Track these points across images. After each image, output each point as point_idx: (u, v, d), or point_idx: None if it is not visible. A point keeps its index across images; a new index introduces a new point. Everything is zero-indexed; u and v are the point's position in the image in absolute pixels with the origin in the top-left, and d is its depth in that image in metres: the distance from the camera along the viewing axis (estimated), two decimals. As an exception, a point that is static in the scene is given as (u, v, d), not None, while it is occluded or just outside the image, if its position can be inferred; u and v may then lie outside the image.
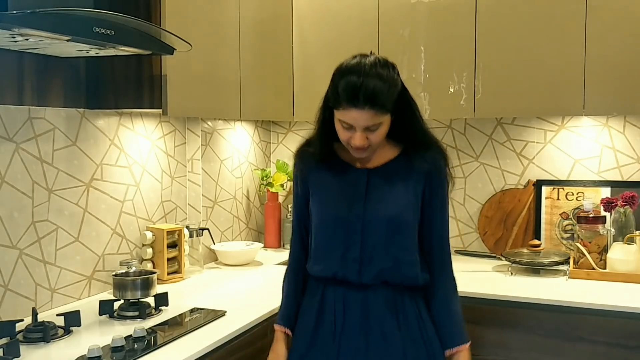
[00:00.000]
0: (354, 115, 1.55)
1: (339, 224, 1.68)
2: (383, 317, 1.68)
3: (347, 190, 1.70)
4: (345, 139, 1.62)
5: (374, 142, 1.61)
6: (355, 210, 1.67)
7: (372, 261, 1.67)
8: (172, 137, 2.64)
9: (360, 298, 1.69)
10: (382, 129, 1.60)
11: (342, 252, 1.69)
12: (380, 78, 1.55)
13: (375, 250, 1.66)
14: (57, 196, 2.08)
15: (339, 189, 1.71)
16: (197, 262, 2.67)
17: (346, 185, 1.71)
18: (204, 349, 1.73)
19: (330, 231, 1.71)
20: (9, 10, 1.43)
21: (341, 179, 1.72)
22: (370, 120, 1.56)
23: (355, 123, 1.56)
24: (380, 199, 1.68)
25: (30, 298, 1.98)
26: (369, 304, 1.68)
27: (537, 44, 2.51)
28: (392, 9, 2.74)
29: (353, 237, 1.67)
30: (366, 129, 1.58)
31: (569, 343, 2.18)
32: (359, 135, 1.58)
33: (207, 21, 2.29)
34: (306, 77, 2.92)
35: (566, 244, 2.77)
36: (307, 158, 1.78)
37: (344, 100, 1.55)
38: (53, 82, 2.06)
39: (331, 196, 1.72)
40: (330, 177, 1.73)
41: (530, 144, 2.89)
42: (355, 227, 1.67)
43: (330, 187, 1.73)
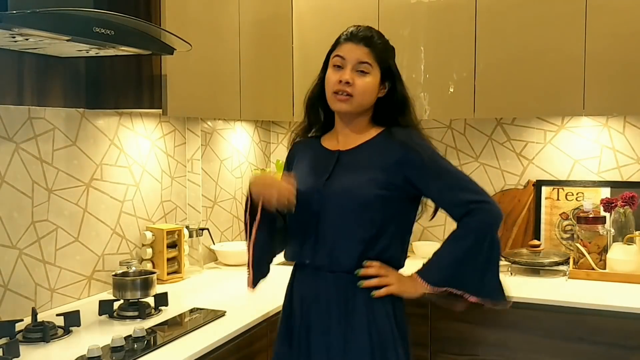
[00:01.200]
0: (349, 47, 1.67)
1: (301, 200, 1.65)
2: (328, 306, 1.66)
3: (316, 170, 1.72)
4: (333, 81, 1.68)
5: (357, 90, 1.65)
6: (317, 185, 1.68)
7: (325, 238, 1.66)
8: (172, 137, 2.64)
9: (314, 286, 1.69)
10: (369, 79, 1.67)
11: (302, 230, 1.70)
12: (378, 33, 1.74)
13: (331, 226, 1.65)
14: (57, 196, 2.08)
15: (309, 169, 1.75)
16: (197, 262, 2.67)
17: (316, 165, 1.74)
18: (203, 349, 1.72)
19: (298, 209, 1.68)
20: (9, 10, 1.43)
21: (314, 160, 1.76)
22: (363, 56, 1.66)
23: (348, 55, 1.67)
24: (342, 175, 1.68)
25: (30, 298, 1.98)
26: (319, 291, 1.68)
27: (537, 43, 2.51)
28: (392, 9, 2.74)
29: (312, 212, 1.67)
30: (356, 69, 1.66)
31: (569, 343, 2.18)
32: (348, 69, 1.66)
33: (207, 21, 2.29)
34: (306, 77, 2.87)
35: (566, 244, 2.77)
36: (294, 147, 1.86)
37: (343, 38, 1.71)
38: (53, 82, 2.05)
39: (300, 175, 1.73)
40: (307, 158, 1.79)
41: (530, 144, 2.89)
42: (316, 202, 1.66)
43: (302, 168, 1.77)
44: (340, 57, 1.68)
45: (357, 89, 1.65)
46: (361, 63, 1.66)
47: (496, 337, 2.28)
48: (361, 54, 1.66)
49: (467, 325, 2.32)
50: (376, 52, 1.68)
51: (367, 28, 1.72)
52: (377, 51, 1.68)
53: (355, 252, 1.65)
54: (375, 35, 1.71)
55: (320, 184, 1.67)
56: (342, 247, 1.65)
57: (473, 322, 2.31)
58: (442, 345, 2.35)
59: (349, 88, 1.65)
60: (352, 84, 1.65)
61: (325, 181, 1.67)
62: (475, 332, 2.31)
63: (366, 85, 1.66)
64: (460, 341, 2.32)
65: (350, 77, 1.65)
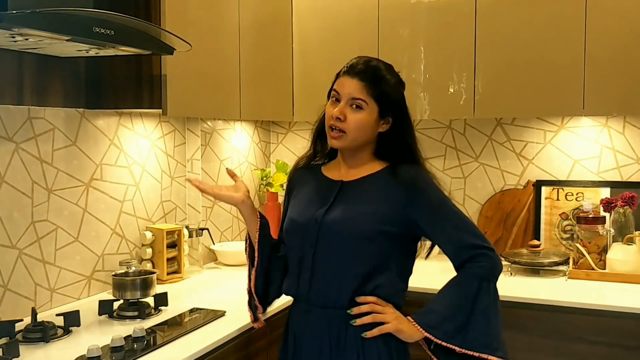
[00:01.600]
0: (343, 82, 1.60)
1: (299, 229, 1.64)
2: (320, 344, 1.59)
3: (316, 200, 1.66)
4: (328, 115, 1.62)
5: (349, 126, 1.58)
6: (315, 216, 1.62)
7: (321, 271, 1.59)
8: (172, 137, 2.64)
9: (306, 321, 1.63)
10: (362, 115, 1.58)
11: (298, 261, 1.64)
12: (385, 65, 1.64)
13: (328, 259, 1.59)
14: (57, 196, 2.08)
15: (309, 198, 1.69)
16: (196, 262, 2.67)
17: (317, 194, 1.67)
18: (203, 349, 1.72)
19: (290, 238, 1.68)
20: (9, 10, 1.43)
21: (316, 189, 1.70)
22: (356, 91, 1.58)
23: (342, 90, 1.59)
24: (341, 207, 1.60)
25: (29, 298, 1.98)
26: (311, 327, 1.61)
27: (537, 44, 2.51)
28: (392, 9, 2.73)
29: (309, 244, 1.61)
30: (350, 104, 1.58)
31: (569, 343, 2.18)
32: (342, 104, 1.59)
33: (207, 21, 2.29)
34: (306, 77, 2.92)
35: (566, 245, 2.77)
36: (295, 170, 1.80)
37: (342, 71, 1.63)
38: (53, 82, 2.05)
39: (300, 204, 1.69)
40: (308, 188, 1.72)
41: (530, 144, 2.89)
42: (313, 233, 1.60)
43: (302, 197, 1.71)
44: (335, 92, 1.62)
45: (350, 125, 1.58)
46: (354, 99, 1.58)
47: (496, 337, 2.28)
48: (354, 90, 1.58)
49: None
50: (372, 87, 1.58)
51: (367, 61, 1.62)
52: (374, 86, 1.58)
53: (349, 288, 1.57)
54: (374, 69, 1.61)
55: (319, 215, 1.61)
56: (336, 281, 1.58)
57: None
58: (442, 346, 2.34)
59: (341, 124, 1.58)
60: (343, 120, 1.58)
61: (325, 211, 1.61)
62: (475, 332, 2.31)
63: (359, 122, 1.58)
64: (460, 341, 2.32)
65: (341, 113, 1.58)
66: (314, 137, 1.76)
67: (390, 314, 1.55)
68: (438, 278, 1.71)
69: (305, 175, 1.76)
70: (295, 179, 1.78)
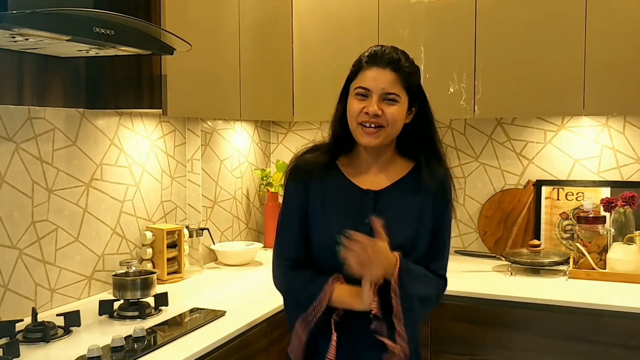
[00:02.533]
0: (373, 75, 1.51)
1: (334, 249, 1.49)
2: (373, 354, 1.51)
3: (351, 214, 1.56)
4: (357, 111, 1.52)
5: (388, 119, 1.51)
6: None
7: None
8: (172, 137, 2.64)
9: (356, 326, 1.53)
10: (398, 107, 1.52)
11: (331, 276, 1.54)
12: (404, 54, 1.57)
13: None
14: (57, 196, 2.08)
15: (343, 211, 1.58)
16: (197, 262, 2.67)
17: (351, 208, 1.57)
18: (203, 349, 1.72)
19: (329, 258, 1.53)
20: (9, 10, 1.43)
21: (345, 200, 1.59)
22: (390, 84, 1.50)
23: (374, 84, 1.50)
24: (388, 226, 1.48)
25: (30, 298, 1.98)
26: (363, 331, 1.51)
27: (537, 44, 2.51)
28: (392, 9, 2.73)
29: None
30: (383, 98, 1.51)
31: (569, 343, 2.18)
32: (375, 100, 1.50)
33: (207, 21, 2.29)
34: (306, 77, 2.92)
35: (566, 244, 2.77)
36: (308, 168, 1.63)
37: (365, 61, 1.53)
38: (53, 82, 2.05)
39: (333, 219, 1.57)
40: (334, 194, 1.60)
41: (530, 144, 2.89)
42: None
43: (331, 207, 1.59)
44: (363, 89, 1.52)
45: (388, 118, 1.51)
46: (389, 93, 1.51)
47: (496, 337, 2.28)
48: (387, 83, 1.50)
49: (467, 325, 2.32)
50: (403, 78, 1.52)
51: (392, 49, 1.55)
52: (405, 76, 1.52)
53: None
54: (401, 57, 1.54)
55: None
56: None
57: (473, 322, 2.31)
58: (442, 345, 2.34)
59: (379, 119, 1.51)
60: (380, 115, 1.50)
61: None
62: (475, 332, 2.31)
63: (396, 115, 1.52)
64: (460, 341, 2.32)
65: (377, 109, 1.50)
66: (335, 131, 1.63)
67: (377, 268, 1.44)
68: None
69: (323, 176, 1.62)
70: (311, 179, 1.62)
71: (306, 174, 1.63)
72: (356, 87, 1.54)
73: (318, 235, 1.59)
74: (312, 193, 1.61)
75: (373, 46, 1.59)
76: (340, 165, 1.64)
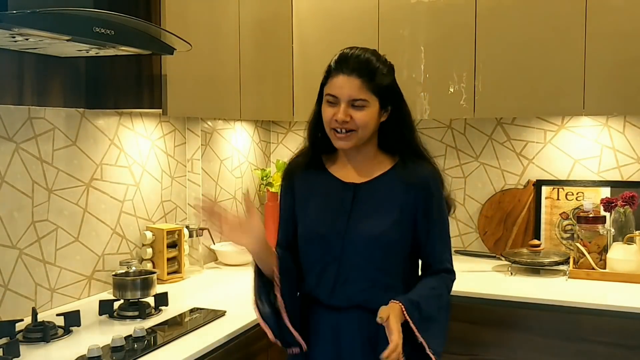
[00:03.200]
0: (340, 82, 1.55)
1: (319, 240, 1.63)
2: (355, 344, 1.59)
3: (332, 205, 1.64)
4: (328, 118, 1.58)
5: (357, 124, 1.55)
6: (337, 227, 1.61)
7: (346, 282, 1.60)
8: (172, 137, 2.64)
9: (332, 322, 1.62)
10: (367, 111, 1.55)
11: (319, 270, 1.63)
12: (374, 54, 1.60)
13: (352, 270, 1.59)
14: (57, 196, 2.08)
15: (323, 203, 1.66)
16: (197, 262, 2.67)
17: (331, 200, 1.65)
18: (204, 349, 1.72)
19: (310, 247, 1.66)
20: (9, 10, 1.43)
21: (327, 192, 1.66)
22: (356, 91, 1.53)
23: (340, 92, 1.54)
24: (364, 216, 1.60)
25: (30, 298, 1.98)
26: (340, 329, 1.61)
27: (537, 44, 2.51)
28: (392, 9, 2.73)
29: (332, 255, 1.61)
30: (351, 104, 1.54)
31: (569, 343, 2.18)
32: (342, 107, 1.54)
33: (207, 21, 2.29)
34: (306, 77, 2.92)
35: (566, 244, 2.77)
36: (295, 168, 1.74)
37: (333, 68, 1.58)
38: (53, 82, 2.05)
39: (314, 211, 1.66)
40: (317, 189, 1.68)
41: (530, 144, 2.89)
42: (335, 245, 1.60)
43: (314, 201, 1.67)
44: (330, 96, 1.57)
45: (357, 121, 1.55)
46: (355, 100, 1.55)
47: (496, 337, 2.28)
48: (353, 91, 1.54)
49: (467, 325, 2.32)
50: (370, 82, 1.55)
51: (357, 55, 1.58)
52: (372, 75, 1.55)
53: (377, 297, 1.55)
54: (370, 56, 1.58)
55: (341, 227, 1.59)
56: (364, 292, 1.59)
57: (473, 322, 2.31)
58: (442, 345, 2.34)
59: (349, 125, 1.55)
60: (349, 121, 1.55)
61: (347, 223, 1.59)
62: (475, 332, 2.31)
63: (365, 118, 1.56)
64: (461, 341, 2.32)
65: (345, 116, 1.54)
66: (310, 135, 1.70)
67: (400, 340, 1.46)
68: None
69: (308, 174, 1.71)
70: (297, 177, 1.72)
71: (293, 173, 1.74)
72: (326, 93, 1.60)
73: (302, 227, 1.68)
74: (298, 190, 1.71)
75: (344, 49, 1.62)
76: (326, 163, 1.71)
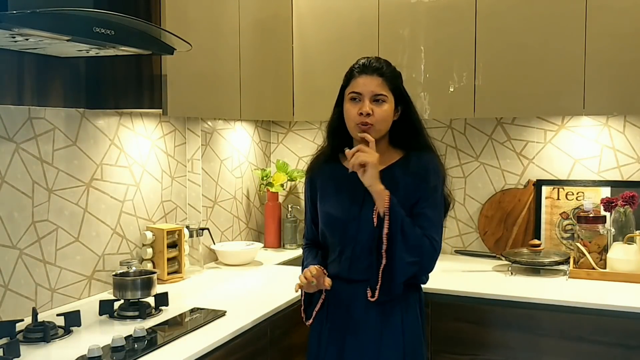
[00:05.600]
0: (363, 81, 1.81)
1: (338, 224, 1.88)
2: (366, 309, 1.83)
3: (347, 194, 1.87)
4: (353, 114, 1.81)
5: (377, 118, 1.80)
6: (352, 212, 1.85)
7: (359, 259, 1.83)
8: (172, 137, 2.64)
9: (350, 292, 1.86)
10: (386, 107, 1.82)
11: (340, 250, 1.88)
12: (387, 62, 1.89)
13: (365, 249, 1.82)
14: (57, 196, 2.08)
15: (340, 193, 1.90)
16: (197, 262, 2.67)
17: (346, 189, 1.88)
18: (204, 349, 1.73)
19: (331, 231, 1.91)
20: (9, 10, 1.43)
21: (343, 183, 1.88)
22: (378, 87, 1.80)
23: (364, 89, 1.80)
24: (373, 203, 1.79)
25: (30, 298, 1.98)
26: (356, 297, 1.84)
27: (537, 43, 2.51)
28: (392, 9, 2.73)
29: (349, 238, 1.85)
30: (373, 99, 1.80)
31: (569, 343, 2.18)
32: (367, 102, 1.80)
33: (207, 21, 2.29)
34: (306, 77, 2.92)
35: (566, 244, 2.77)
36: (316, 166, 1.99)
37: (356, 71, 1.85)
38: (53, 82, 2.06)
39: (333, 199, 1.91)
40: (334, 182, 1.92)
41: (530, 143, 2.89)
42: (352, 227, 1.85)
43: (333, 192, 1.92)
44: (355, 93, 1.82)
45: (377, 117, 1.80)
46: (377, 95, 1.80)
47: (496, 337, 2.28)
48: (375, 87, 1.80)
49: (467, 325, 2.32)
50: (388, 81, 1.82)
51: (376, 59, 1.86)
52: (389, 80, 1.83)
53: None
54: (384, 65, 1.85)
55: (356, 211, 1.84)
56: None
57: (473, 321, 2.32)
58: (443, 345, 2.34)
59: (369, 118, 1.79)
60: (372, 114, 1.79)
61: (361, 207, 1.82)
62: (475, 332, 2.31)
63: (384, 113, 1.81)
64: (461, 341, 2.32)
65: (369, 109, 1.79)
66: (329, 136, 1.96)
67: (372, 155, 1.74)
68: (440, 277, 1.72)
69: (326, 169, 1.95)
70: (317, 172, 1.98)
71: (313, 169, 2.01)
72: (350, 92, 1.84)
73: (322, 214, 1.93)
74: (318, 183, 1.96)
75: (361, 59, 1.87)
76: (342, 160, 1.90)
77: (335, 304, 1.89)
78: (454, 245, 3.02)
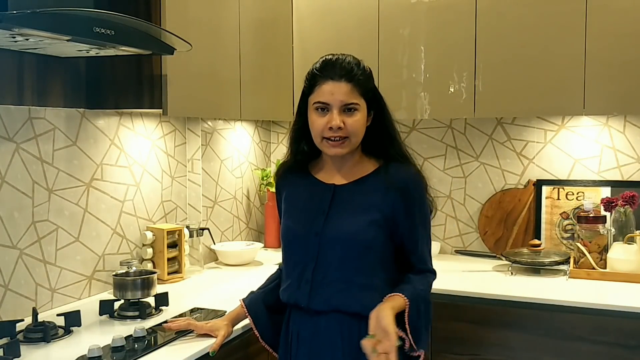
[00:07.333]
0: (330, 88, 1.53)
1: (298, 241, 1.63)
2: (335, 349, 1.58)
3: (311, 206, 1.64)
4: (320, 127, 1.55)
5: (349, 130, 1.55)
6: (314, 227, 1.60)
7: (323, 282, 1.58)
8: (172, 137, 2.64)
9: (311, 327, 1.61)
10: (358, 116, 1.55)
11: (299, 272, 1.62)
12: (355, 59, 1.59)
13: (329, 270, 1.58)
14: (57, 196, 2.08)
15: (304, 205, 1.66)
16: (197, 262, 2.67)
17: (311, 201, 1.64)
18: (204, 349, 1.72)
19: (289, 249, 1.67)
20: (9, 10, 1.43)
21: (308, 194, 1.66)
22: (347, 95, 1.53)
23: (332, 98, 1.53)
24: (341, 216, 1.59)
25: (30, 298, 1.98)
26: (320, 334, 1.60)
27: (537, 43, 2.50)
28: (392, 9, 2.73)
29: (309, 256, 1.60)
30: (343, 110, 1.54)
31: (569, 343, 2.18)
32: (335, 114, 1.53)
33: (207, 21, 2.29)
34: (306, 77, 2.92)
35: (566, 244, 2.77)
36: (283, 175, 1.76)
37: (320, 75, 1.56)
38: (53, 82, 2.06)
39: (295, 213, 1.67)
40: (300, 193, 1.69)
41: (531, 143, 2.88)
42: (313, 246, 1.59)
43: (296, 204, 1.68)
44: (322, 103, 1.55)
45: (349, 129, 1.55)
46: (347, 104, 1.54)
47: (496, 337, 2.28)
48: (345, 95, 1.53)
49: (467, 325, 2.32)
50: (359, 86, 1.55)
51: (341, 60, 1.56)
52: (360, 84, 1.55)
53: (355, 298, 1.57)
54: (353, 66, 1.56)
55: (318, 226, 1.59)
56: (341, 293, 1.57)
57: (473, 322, 2.32)
58: (443, 345, 2.34)
59: (341, 132, 1.54)
60: (343, 127, 1.54)
61: (324, 222, 1.59)
62: (475, 332, 2.31)
63: (357, 124, 1.56)
64: (461, 341, 2.32)
65: (339, 121, 1.53)
66: (291, 145, 1.71)
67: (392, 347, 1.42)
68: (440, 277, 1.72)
69: (293, 178, 1.72)
70: (283, 182, 1.75)
71: (280, 179, 1.77)
72: (314, 102, 1.57)
73: (283, 229, 1.70)
74: (285, 194, 1.74)
75: (324, 56, 1.60)
76: (312, 170, 1.71)
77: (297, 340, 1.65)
78: (454, 245, 3.02)
